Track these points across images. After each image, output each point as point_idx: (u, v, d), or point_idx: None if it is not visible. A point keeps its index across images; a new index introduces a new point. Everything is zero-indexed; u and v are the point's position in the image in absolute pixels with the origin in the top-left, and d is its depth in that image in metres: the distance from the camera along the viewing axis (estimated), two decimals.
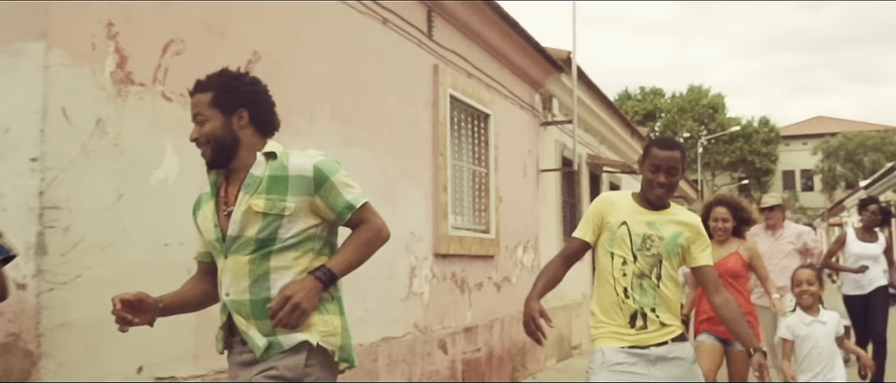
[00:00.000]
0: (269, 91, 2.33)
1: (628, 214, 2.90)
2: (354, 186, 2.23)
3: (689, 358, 2.91)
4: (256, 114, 2.26)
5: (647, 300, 2.83)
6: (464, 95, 6.32)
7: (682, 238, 2.87)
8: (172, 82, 3.35)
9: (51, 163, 2.79)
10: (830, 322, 3.99)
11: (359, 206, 2.19)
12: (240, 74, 2.33)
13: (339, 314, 2.22)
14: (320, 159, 2.22)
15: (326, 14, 4.49)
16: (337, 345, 2.18)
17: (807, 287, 4.01)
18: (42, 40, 2.82)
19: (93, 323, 2.91)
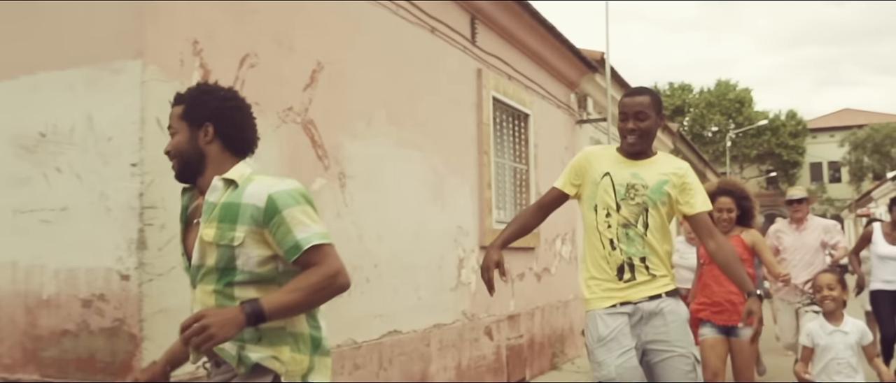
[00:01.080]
0: (245, 108, 2.14)
1: (611, 165, 2.76)
2: (311, 224, 1.92)
3: (683, 316, 2.74)
4: (222, 129, 2.06)
5: (635, 249, 2.68)
6: (505, 97, 6.44)
7: (668, 185, 2.70)
8: (248, 93, 3.48)
9: (148, 168, 2.98)
10: (853, 332, 3.61)
11: (307, 247, 1.89)
12: (212, 88, 2.15)
13: (309, 354, 2.00)
14: (278, 190, 1.95)
15: (381, 25, 4.65)
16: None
17: (828, 292, 3.64)
18: (139, 59, 3.00)
19: (185, 309, 3.12)
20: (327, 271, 1.91)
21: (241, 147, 2.11)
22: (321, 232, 1.93)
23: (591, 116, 9.06)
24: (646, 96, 2.75)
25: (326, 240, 1.93)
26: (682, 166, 2.79)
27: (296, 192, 1.96)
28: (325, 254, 1.92)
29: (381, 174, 4.53)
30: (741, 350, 3.99)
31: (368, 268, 4.33)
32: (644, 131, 2.72)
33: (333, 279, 1.91)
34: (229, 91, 2.17)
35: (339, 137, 4.15)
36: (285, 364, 1.96)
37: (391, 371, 4.51)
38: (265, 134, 3.57)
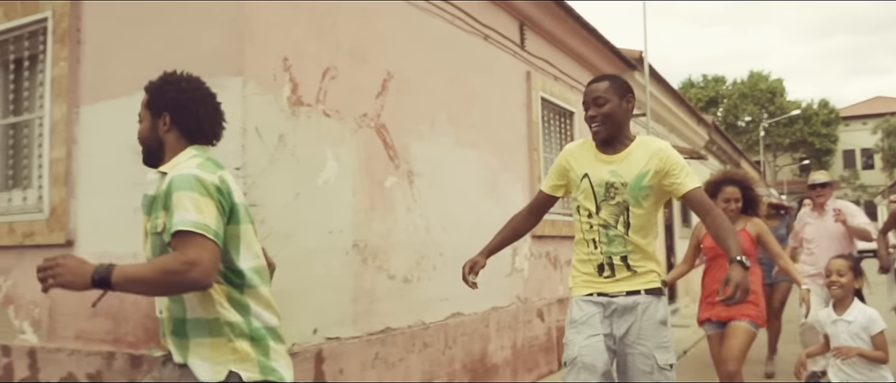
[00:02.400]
0: (206, 99, 2.08)
1: (589, 164, 2.56)
2: (191, 211, 1.77)
3: (659, 317, 2.50)
4: (179, 118, 2.01)
5: (616, 249, 2.50)
6: (552, 96, 6.55)
7: (648, 177, 2.46)
8: (330, 102, 3.75)
9: (250, 171, 3.20)
10: (857, 321, 3.19)
11: (175, 231, 1.76)
12: (174, 78, 2.09)
13: (248, 339, 1.91)
14: (178, 173, 1.85)
15: (440, 36, 4.82)
16: (256, 372, 1.89)
17: (836, 278, 3.26)
18: (240, 76, 3.21)
19: (282, 294, 3.32)
20: (183, 258, 1.73)
21: (198, 136, 2.04)
22: (196, 221, 1.77)
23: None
24: (604, 81, 2.56)
25: (198, 230, 1.76)
26: (661, 148, 2.52)
27: (192, 178, 1.83)
28: (191, 242, 1.75)
29: (443, 171, 4.71)
30: (734, 332, 3.67)
31: (435, 257, 4.53)
32: (606, 116, 2.50)
33: (186, 266, 1.72)
34: (191, 81, 2.09)
35: (407, 139, 4.35)
36: (225, 354, 1.88)
37: (455, 349, 4.71)
38: (344, 138, 3.83)
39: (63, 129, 3.74)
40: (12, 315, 3.95)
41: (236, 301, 1.93)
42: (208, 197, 1.84)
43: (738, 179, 4.02)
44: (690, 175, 2.48)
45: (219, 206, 1.86)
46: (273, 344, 1.98)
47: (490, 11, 5.49)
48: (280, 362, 1.98)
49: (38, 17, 3.90)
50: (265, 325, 1.97)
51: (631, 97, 2.60)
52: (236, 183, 2.02)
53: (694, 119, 13.25)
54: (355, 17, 3.96)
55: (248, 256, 1.97)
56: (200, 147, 2.04)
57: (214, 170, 1.93)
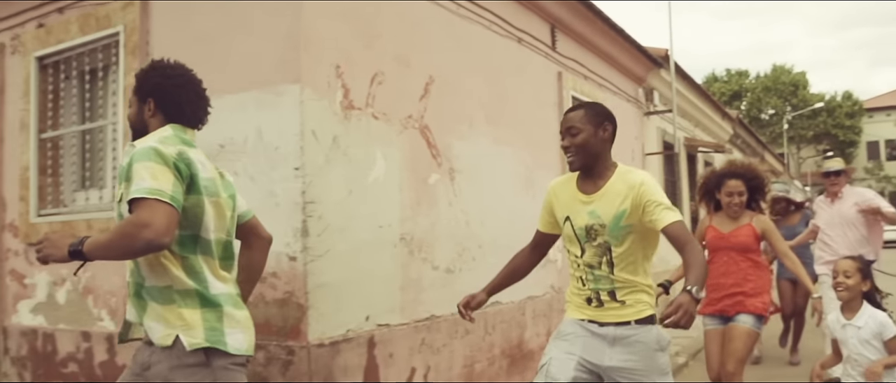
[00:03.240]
0: (188, 84, 2.10)
1: (569, 205, 2.43)
2: (147, 179, 1.78)
3: (652, 345, 2.34)
4: (162, 104, 2.04)
5: (603, 285, 2.36)
6: (582, 95, 6.58)
7: (625, 217, 2.28)
8: (378, 105, 3.87)
9: (307, 170, 3.33)
10: (868, 326, 2.92)
11: (131, 198, 1.78)
12: (159, 65, 2.11)
13: (198, 307, 1.91)
14: (140, 147, 1.88)
15: (478, 40, 4.91)
16: (200, 338, 1.88)
17: (843, 279, 2.98)
18: (297, 83, 3.33)
19: (338, 284, 3.50)
20: (136, 220, 1.74)
21: (179, 120, 2.05)
22: (151, 187, 1.78)
23: (657, 108, 9.08)
24: (578, 111, 2.41)
25: (151, 195, 1.76)
26: (636, 182, 2.31)
27: (150, 149, 1.85)
28: (144, 205, 1.76)
29: (481, 168, 4.81)
30: (735, 334, 3.48)
31: (474, 249, 4.64)
32: (579, 146, 2.35)
33: (138, 228, 1.72)
34: (175, 68, 2.10)
35: (449, 138, 4.47)
36: (173, 321, 1.90)
37: (494, 335, 4.82)
38: (391, 138, 3.95)
39: None
40: (91, 304, 4.17)
41: (191, 268, 1.93)
42: (165, 165, 1.84)
43: (741, 172, 3.71)
44: (668, 209, 2.25)
45: (176, 175, 1.85)
46: (231, 310, 1.96)
47: (523, 15, 5.57)
48: (234, 330, 1.95)
49: (111, 31, 4.09)
50: (219, 292, 1.95)
51: (607, 125, 2.40)
52: (208, 162, 2.03)
53: (718, 113, 13.14)
54: (400, 26, 4.08)
55: (208, 228, 1.96)
56: (180, 128, 2.04)
57: (177, 144, 1.93)
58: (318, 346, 3.31)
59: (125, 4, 4.04)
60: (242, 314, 2.02)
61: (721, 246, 3.66)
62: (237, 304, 2.01)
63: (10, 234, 4.61)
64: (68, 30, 4.31)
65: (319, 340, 3.33)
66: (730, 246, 3.57)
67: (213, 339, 1.90)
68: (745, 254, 3.61)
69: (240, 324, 1.98)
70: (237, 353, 1.95)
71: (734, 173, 3.71)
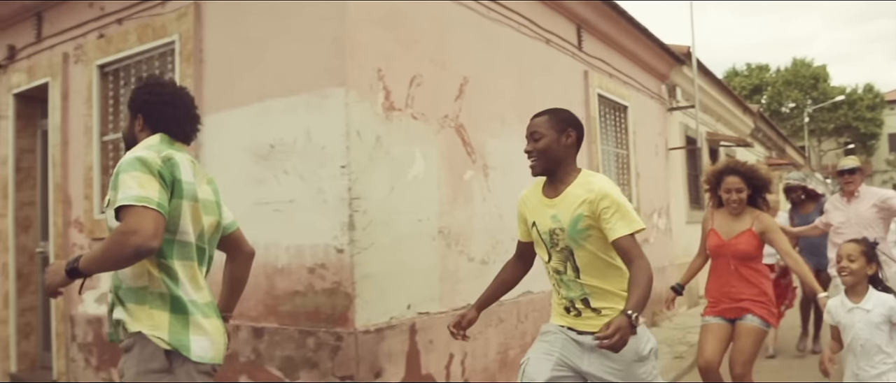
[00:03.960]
0: (176, 102, 2.07)
1: (536, 211, 2.36)
2: (133, 187, 1.81)
3: (630, 356, 2.20)
4: (149, 120, 2.05)
5: (574, 293, 2.29)
6: (607, 92, 6.63)
7: (583, 221, 2.20)
8: (416, 106, 3.97)
9: (353, 168, 3.44)
10: (877, 309, 2.73)
11: (118, 206, 1.80)
12: (150, 83, 2.11)
13: (167, 311, 1.91)
14: (125, 158, 1.89)
15: (508, 42, 4.98)
16: (164, 339, 1.88)
17: (847, 263, 2.79)
18: (342, 87, 3.44)
19: (382, 274, 3.61)
20: (124, 228, 1.76)
21: (168, 135, 2.06)
22: (137, 195, 1.79)
23: (680, 104, 9.04)
24: (542, 116, 2.34)
25: (137, 202, 1.77)
26: (595, 188, 2.22)
27: (134, 159, 1.86)
28: (130, 212, 1.77)
29: (513, 164, 4.86)
30: (743, 333, 3.31)
31: (507, 242, 4.70)
32: (540, 151, 2.29)
33: (127, 236, 1.74)
34: (164, 86, 2.10)
35: (482, 136, 4.55)
36: (141, 320, 1.90)
37: (527, 323, 4.90)
38: (429, 137, 4.04)
39: None
40: None
41: (168, 271, 1.93)
42: (150, 173, 1.85)
43: (740, 169, 3.51)
44: (622, 220, 2.16)
45: (161, 182, 1.87)
46: (198, 318, 1.94)
47: (551, 17, 5.62)
48: (199, 338, 1.93)
49: (167, 40, 4.24)
50: (191, 299, 1.94)
51: (571, 131, 2.32)
52: (191, 166, 2.01)
53: (739, 108, 13.00)
54: (435, 31, 4.17)
55: (186, 232, 1.96)
56: (167, 137, 2.04)
57: (161, 150, 1.93)
58: (364, 333, 3.43)
59: (180, 14, 4.19)
60: (211, 323, 1.98)
61: (721, 253, 3.48)
62: (207, 313, 1.98)
63: (76, 230, 4.81)
64: (127, 39, 4.48)
65: (365, 327, 3.44)
66: (729, 254, 3.40)
67: (177, 343, 1.89)
68: (746, 261, 3.40)
69: (206, 333, 1.95)
70: (200, 361, 1.92)
71: (733, 170, 3.50)
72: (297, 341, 3.56)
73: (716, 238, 3.51)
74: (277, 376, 3.63)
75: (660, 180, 8.07)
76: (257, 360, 3.72)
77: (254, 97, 3.80)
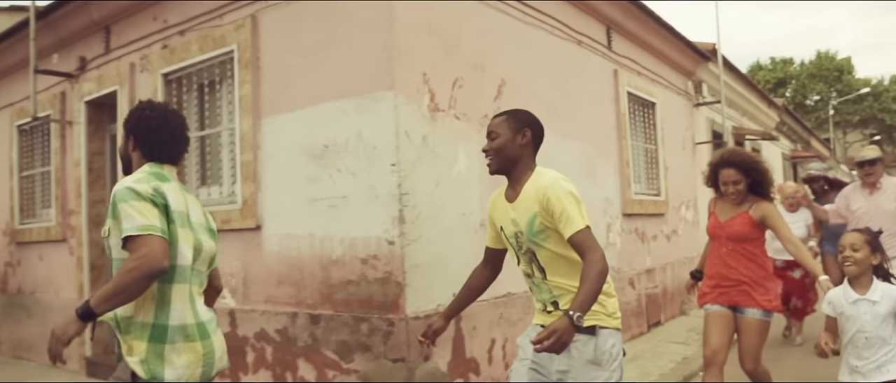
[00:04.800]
0: (162, 126, 2.09)
1: (501, 214, 2.29)
2: (135, 217, 1.85)
3: (587, 356, 2.10)
4: (139, 141, 2.10)
5: (545, 295, 2.22)
6: (636, 90, 6.64)
7: (537, 221, 2.12)
8: (459, 107, 4.06)
9: (402, 166, 3.56)
10: (885, 301, 2.55)
11: (124, 236, 1.85)
12: (142, 107, 2.15)
13: (146, 340, 1.92)
14: (118, 187, 1.93)
15: (543, 45, 5.04)
16: (141, 370, 1.90)
17: (850, 253, 2.60)
18: (392, 90, 3.56)
19: (429, 264, 3.72)
20: (135, 256, 1.82)
21: (155, 156, 2.09)
22: (140, 224, 1.85)
23: (706, 99, 8.99)
24: (501, 117, 2.29)
25: (142, 232, 1.84)
26: (542, 186, 2.13)
27: (126, 190, 1.92)
28: (138, 241, 1.84)
29: (549, 160, 4.84)
30: (748, 329, 3.19)
31: None
32: (495, 150, 2.24)
33: (139, 262, 1.81)
34: (153, 110, 2.14)
35: None
36: (128, 351, 1.93)
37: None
38: (471, 136, 4.14)
39: (250, 137, 4.25)
40: None
41: (163, 293, 1.95)
42: (145, 201, 1.90)
43: (736, 160, 3.33)
44: (570, 217, 2.04)
45: (158, 208, 1.92)
46: (176, 345, 1.94)
47: (582, 19, 5.67)
48: (174, 367, 1.93)
49: (226, 49, 4.42)
50: (177, 323, 1.95)
51: (527, 131, 2.25)
52: (179, 194, 2.05)
53: (764, 102, 12.81)
54: (476, 36, 4.26)
55: (183, 255, 1.99)
56: (157, 165, 2.08)
57: (150, 181, 1.98)
58: (414, 319, 3.55)
59: (238, 26, 4.36)
60: (189, 346, 1.97)
61: (717, 234, 3.38)
62: (190, 337, 1.97)
63: None
64: (189, 49, 4.68)
65: (415, 313, 3.56)
66: (725, 235, 3.28)
67: (150, 373, 1.91)
68: (741, 243, 3.25)
69: (180, 359, 1.95)
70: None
71: (728, 162, 3.33)
72: (351, 327, 3.70)
73: (714, 219, 3.43)
74: (333, 359, 3.78)
75: (687, 174, 8.04)
76: (314, 345, 3.88)
77: (308, 101, 3.95)
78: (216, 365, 2.07)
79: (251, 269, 4.26)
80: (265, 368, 4.15)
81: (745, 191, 3.30)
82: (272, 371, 4.11)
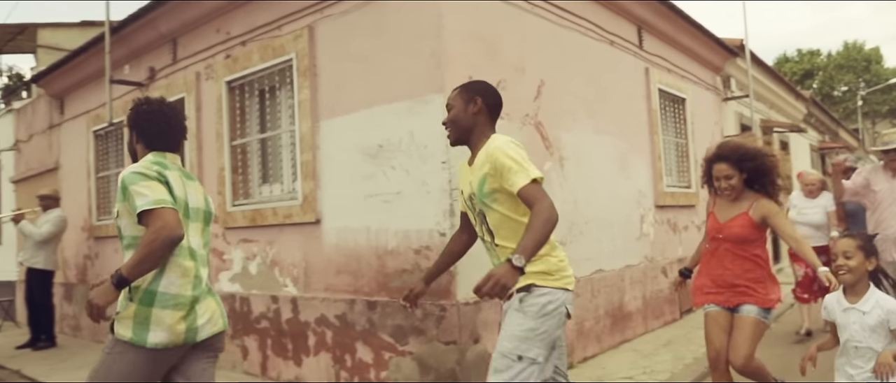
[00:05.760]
0: (158, 118, 2.22)
1: (463, 180, 2.30)
2: (147, 194, 1.98)
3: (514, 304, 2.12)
4: (140, 135, 2.23)
5: (495, 260, 2.22)
6: (667, 87, 6.65)
7: (488, 181, 2.13)
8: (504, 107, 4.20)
9: (452, 163, 3.65)
10: (874, 313, 2.33)
11: (140, 212, 1.96)
12: (141, 102, 2.27)
13: (138, 304, 2.04)
14: (125, 172, 2.07)
15: (578, 46, 5.12)
16: (129, 331, 2.03)
17: (843, 261, 2.40)
18: (440, 93, 3.67)
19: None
20: (153, 228, 1.93)
21: (154, 146, 2.22)
22: (152, 199, 1.98)
23: (735, 94, 8.91)
24: (456, 90, 2.32)
25: (155, 206, 1.95)
26: (490, 151, 2.14)
27: (133, 174, 2.05)
28: (153, 215, 1.95)
29: (585, 155, 5.05)
30: (740, 325, 2.93)
31: (581, 224, 4.91)
32: (451, 121, 2.28)
33: (158, 232, 1.93)
34: (149, 104, 2.25)
35: (558, 132, 4.74)
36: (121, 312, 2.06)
37: (599, 298, 5.08)
38: (514, 134, 4.23)
39: (309, 139, 4.44)
40: (277, 273, 4.76)
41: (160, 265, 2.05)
42: (153, 180, 2.04)
43: (726, 154, 3.05)
44: (520, 172, 2.03)
45: (164, 185, 2.07)
46: (160, 311, 2.04)
47: (614, 20, 5.73)
48: (158, 329, 2.03)
49: (285, 58, 4.62)
50: (166, 291, 2.05)
51: (477, 99, 2.27)
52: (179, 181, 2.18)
53: (792, 95, 12.59)
54: (516, 41, 4.37)
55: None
56: (158, 153, 2.22)
57: (154, 167, 2.12)
58: (464, 304, 3.69)
59: (296, 36, 4.56)
60: (175, 313, 2.06)
61: (716, 236, 3.10)
62: (179, 306, 2.07)
63: None
64: (250, 58, 4.90)
65: (465, 299, 3.70)
66: (724, 237, 3.02)
67: (137, 338, 2.02)
68: (741, 245, 2.99)
69: (164, 324, 2.04)
70: (155, 347, 2.04)
71: (718, 156, 3.07)
72: (405, 312, 3.83)
73: (713, 220, 3.14)
74: (389, 342, 3.95)
75: None
76: (371, 329, 4.05)
77: (362, 104, 4.11)
78: (205, 329, 2.15)
79: (311, 260, 4.46)
80: (325, 350, 4.35)
81: (740, 187, 3.01)
82: (332, 353, 4.30)
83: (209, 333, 2.19)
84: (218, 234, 5.23)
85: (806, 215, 5.12)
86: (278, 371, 4.69)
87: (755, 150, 3.03)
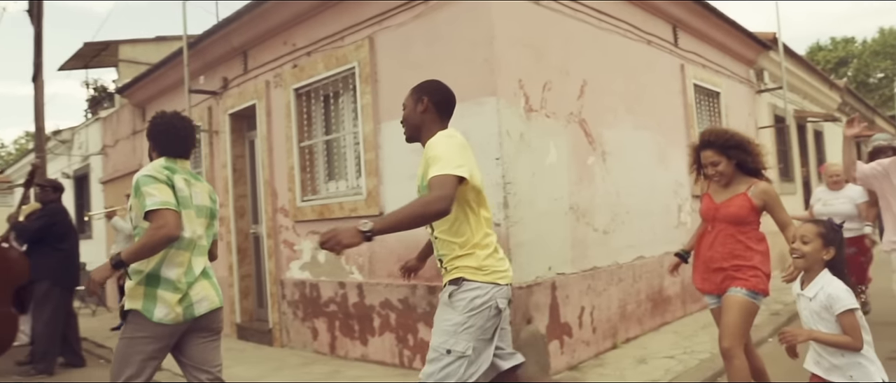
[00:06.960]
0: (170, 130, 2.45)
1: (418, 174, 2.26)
2: (155, 195, 2.19)
3: (445, 300, 2.10)
4: (155, 143, 2.47)
5: (438, 252, 2.20)
6: (702, 82, 6.67)
7: (424, 176, 2.11)
8: (548, 107, 4.33)
9: (505, 160, 3.86)
10: (817, 299, 2.17)
11: (146, 211, 2.17)
12: (156, 116, 2.48)
13: (143, 284, 2.27)
14: (139, 174, 2.27)
15: (617, 47, 5.21)
16: (139, 304, 2.27)
17: (799, 245, 2.23)
18: (494, 96, 3.85)
19: (529, 242, 4.02)
20: (155, 225, 2.15)
21: (168, 153, 2.44)
22: (158, 200, 2.19)
23: (768, 86, 8.81)
24: (410, 91, 2.31)
25: (159, 207, 2.17)
26: (428, 142, 2.14)
27: (143, 176, 2.26)
28: (156, 215, 2.16)
29: (626, 150, 5.16)
30: (728, 305, 2.77)
31: (623, 214, 5.03)
32: (404, 121, 2.30)
33: (158, 230, 2.14)
34: (163, 117, 2.47)
35: (600, 128, 4.86)
36: (133, 294, 2.30)
37: (640, 283, 5.19)
38: (559, 132, 4.42)
39: (371, 140, 4.68)
40: (344, 262, 5.02)
41: (164, 254, 2.29)
42: (161, 183, 2.25)
43: (712, 140, 2.93)
44: (438, 164, 1.99)
45: (171, 189, 2.28)
46: (162, 292, 2.28)
47: (650, 21, 5.79)
48: (162, 306, 2.27)
49: (348, 66, 4.86)
50: (167, 276, 2.29)
51: (425, 99, 2.25)
52: (185, 181, 2.41)
53: (826, 84, 12.29)
54: (560, 45, 4.51)
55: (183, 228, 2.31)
56: (170, 159, 2.43)
57: (162, 171, 2.32)
58: (518, 289, 3.88)
59: (357, 46, 4.80)
60: (174, 295, 2.29)
61: (710, 216, 2.95)
62: (178, 289, 2.30)
63: (282, 215, 5.61)
64: (315, 67, 5.17)
65: (519, 284, 3.88)
66: (720, 217, 2.87)
67: (146, 311, 2.26)
68: (738, 226, 2.83)
69: (167, 303, 2.28)
70: (160, 322, 2.28)
71: (705, 143, 2.96)
72: None
73: (708, 200, 3.01)
74: None
75: None
76: (431, 311, 4.27)
77: None
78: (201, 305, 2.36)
79: (376, 249, 4.71)
80: (389, 331, 4.60)
81: (731, 173, 2.88)
82: (396, 333, 4.55)
83: (206, 309, 2.39)
84: (288, 227, 5.53)
85: (832, 206, 4.84)
86: (346, 350, 4.96)
87: (739, 136, 2.95)
